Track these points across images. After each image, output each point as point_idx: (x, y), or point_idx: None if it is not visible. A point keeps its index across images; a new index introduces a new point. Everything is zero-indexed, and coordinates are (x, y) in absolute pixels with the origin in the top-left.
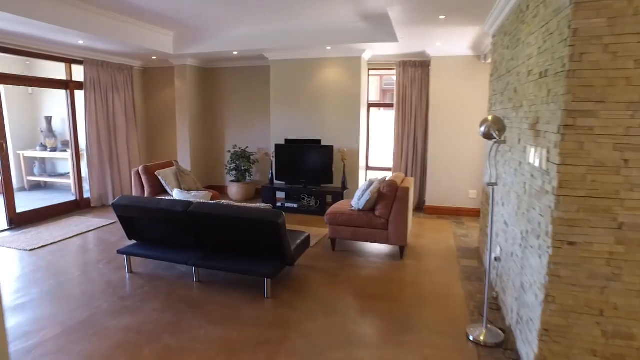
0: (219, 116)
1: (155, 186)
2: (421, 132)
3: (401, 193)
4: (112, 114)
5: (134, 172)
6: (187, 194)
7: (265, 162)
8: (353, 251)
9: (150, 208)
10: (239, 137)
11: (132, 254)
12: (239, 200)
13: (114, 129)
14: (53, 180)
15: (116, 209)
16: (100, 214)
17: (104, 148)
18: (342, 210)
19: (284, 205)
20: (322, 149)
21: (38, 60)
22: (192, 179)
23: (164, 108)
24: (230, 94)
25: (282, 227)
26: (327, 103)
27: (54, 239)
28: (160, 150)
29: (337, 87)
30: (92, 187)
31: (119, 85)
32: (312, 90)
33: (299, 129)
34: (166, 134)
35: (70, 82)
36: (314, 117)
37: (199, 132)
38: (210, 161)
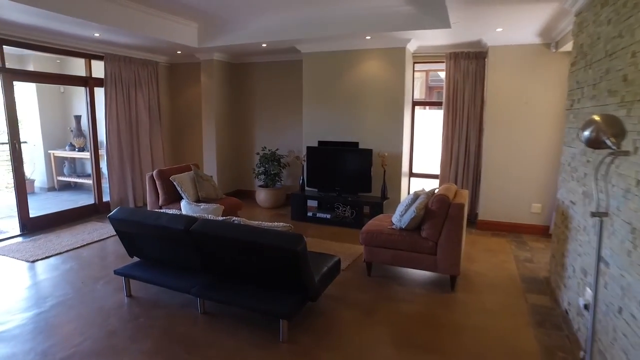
0: (247, 115)
1: (170, 193)
2: (474, 134)
3: (454, 211)
4: (135, 112)
5: (148, 176)
6: (196, 206)
7: (296, 166)
8: (392, 277)
9: (149, 224)
10: (268, 138)
11: (130, 276)
12: (267, 207)
13: (136, 128)
14: (81, 180)
15: (113, 223)
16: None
17: (124, 148)
18: (380, 229)
19: (315, 215)
20: (360, 153)
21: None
22: (212, 186)
23: (190, 106)
24: (260, 91)
25: (302, 256)
26: (366, 101)
27: (61, 248)
28: (186, 152)
29: (377, 82)
30: (112, 191)
31: (143, 82)
32: (350, 87)
33: (334, 130)
34: (192, 134)
35: (89, 78)
36: (351, 116)
37: (226, 132)
38: (238, 164)
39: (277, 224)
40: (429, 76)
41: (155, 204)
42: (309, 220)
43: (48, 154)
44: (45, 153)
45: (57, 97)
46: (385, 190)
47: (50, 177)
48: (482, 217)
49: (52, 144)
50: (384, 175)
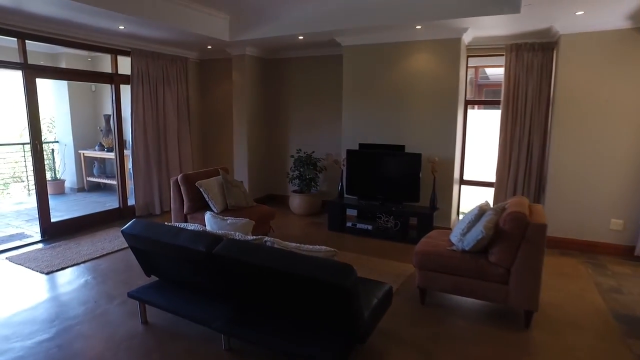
0: (281, 115)
1: (196, 200)
2: (538, 136)
3: (534, 233)
4: (163, 111)
5: (172, 181)
6: (222, 220)
7: (334, 171)
8: (451, 307)
9: (166, 243)
10: (303, 139)
11: (144, 301)
12: (302, 214)
13: (164, 128)
14: (110, 182)
15: (127, 238)
16: None
17: (151, 150)
18: (438, 250)
19: (355, 226)
20: (407, 157)
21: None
22: (242, 192)
23: (221, 105)
24: (295, 89)
25: (352, 293)
26: (415, 99)
27: (79, 258)
28: (215, 154)
29: (428, 78)
30: (137, 194)
31: (171, 79)
32: (396, 83)
33: (377, 132)
34: (222, 135)
35: (115, 75)
36: (397, 117)
37: (258, 132)
38: (270, 167)
39: (318, 249)
40: (478, 73)
41: (180, 211)
42: (347, 231)
43: (78, 154)
44: (76, 153)
45: (88, 96)
46: (435, 199)
47: (80, 177)
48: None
49: (82, 143)
50: (433, 183)
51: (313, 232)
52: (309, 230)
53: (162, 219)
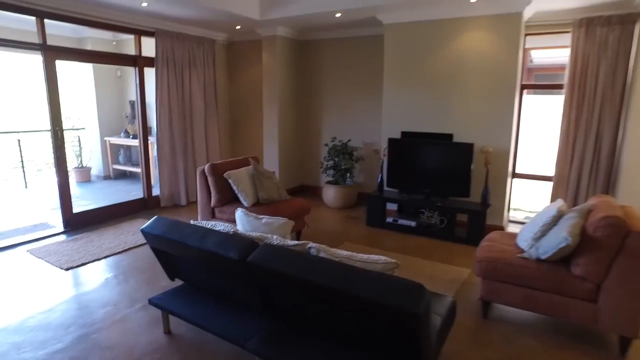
0: (314, 101)
1: (224, 192)
2: (609, 126)
3: (634, 242)
4: (189, 95)
5: (199, 171)
6: (256, 218)
7: (371, 161)
8: (519, 323)
9: (192, 246)
10: (338, 127)
11: (168, 311)
12: (336, 207)
13: (190, 114)
14: (135, 170)
15: (148, 239)
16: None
17: (176, 137)
18: (506, 258)
19: (396, 221)
20: (456, 147)
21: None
22: (274, 184)
23: (250, 90)
24: (329, 73)
25: (423, 320)
26: (465, 83)
27: (100, 253)
28: (244, 141)
29: (482, 60)
30: (162, 184)
31: (198, 62)
32: (444, 65)
33: (422, 119)
34: (251, 122)
35: (139, 57)
36: (444, 102)
37: (289, 119)
38: (303, 156)
39: (375, 259)
40: (528, 55)
41: (207, 204)
42: (387, 227)
43: (104, 141)
44: (101, 140)
45: (113, 81)
46: (487, 195)
47: (106, 165)
48: None
49: (108, 130)
50: (486, 176)
51: (350, 227)
52: (346, 226)
53: (188, 211)
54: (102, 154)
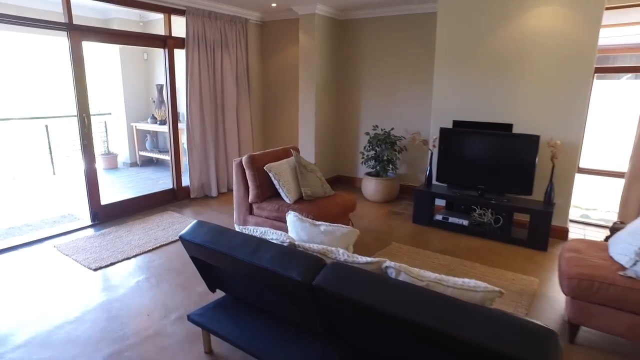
0: (353, 85)
1: (264, 186)
2: None
3: None
4: (220, 79)
5: (235, 163)
6: (312, 225)
7: (414, 151)
8: (615, 352)
9: (241, 260)
10: (380, 114)
11: (211, 331)
12: (376, 201)
13: (222, 99)
14: (163, 157)
15: (187, 247)
16: (199, 210)
17: (207, 123)
18: (605, 276)
19: (446, 219)
20: (520, 139)
21: (153, 22)
22: (319, 179)
23: (284, 73)
24: (371, 55)
25: None
26: (530, 66)
27: (130, 250)
28: (277, 128)
29: (552, 39)
30: (192, 174)
31: (230, 43)
32: (505, 46)
33: (477, 107)
34: (285, 107)
35: (168, 38)
36: (504, 88)
37: (327, 105)
38: (340, 145)
39: (473, 286)
40: None
41: (244, 199)
42: (435, 225)
43: (130, 127)
44: (128, 126)
45: (140, 64)
46: (551, 193)
47: (132, 152)
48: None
49: (134, 116)
50: (551, 172)
51: (395, 225)
52: (390, 223)
53: (219, 203)
54: (128, 140)
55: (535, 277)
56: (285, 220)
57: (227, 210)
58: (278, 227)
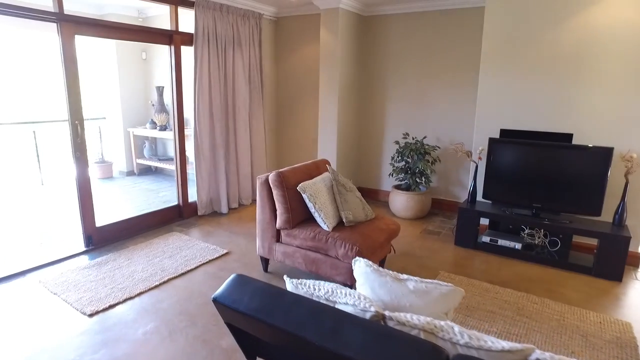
0: (379, 88)
1: (295, 210)
2: None
3: None
4: (232, 81)
5: (259, 181)
6: (394, 279)
7: (448, 162)
8: None
9: (313, 344)
10: (410, 121)
11: None
12: (406, 217)
13: (233, 103)
14: (163, 165)
15: (223, 312)
16: (209, 230)
17: (217, 130)
18: None
19: (495, 242)
20: (589, 152)
21: (153, 17)
22: (359, 200)
23: (301, 75)
24: (400, 56)
25: None
26: (597, 67)
27: (133, 286)
28: (293, 136)
29: (623, 36)
30: (200, 188)
31: (243, 40)
32: (566, 44)
33: (529, 114)
34: (302, 113)
35: (174, 33)
36: (563, 93)
37: (350, 109)
38: (363, 154)
39: None
40: None
41: (270, 224)
42: (481, 248)
43: (127, 133)
44: (124, 131)
45: (138, 64)
46: (623, 212)
47: (129, 159)
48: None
49: (131, 120)
50: (624, 189)
51: (435, 249)
52: (429, 246)
53: (230, 222)
54: (125, 147)
55: (625, 318)
56: (323, 251)
57: (241, 231)
58: (313, 259)
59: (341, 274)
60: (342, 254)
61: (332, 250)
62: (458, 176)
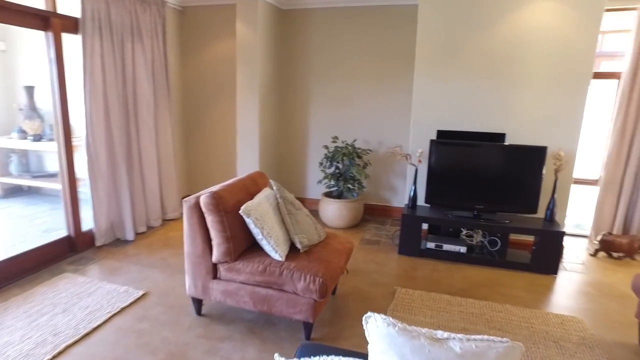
0: (301, 89)
1: (236, 237)
2: None
3: None
4: (132, 79)
5: (187, 205)
6: (433, 342)
7: (377, 166)
8: None
9: None
10: (336, 124)
11: None
12: (338, 227)
13: (135, 106)
14: (38, 183)
15: None
16: (114, 265)
17: (117, 140)
18: None
19: (440, 247)
20: (524, 151)
21: None
22: (310, 219)
23: (212, 73)
24: (324, 55)
25: None
26: (526, 69)
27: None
28: (204, 142)
29: (549, 40)
30: (98, 212)
31: (144, 31)
32: (496, 46)
33: (465, 115)
34: (215, 116)
35: (53, 15)
36: (496, 94)
37: (271, 112)
38: (286, 161)
39: None
40: None
41: (203, 257)
42: (425, 255)
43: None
44: None
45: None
46: (554, 209)
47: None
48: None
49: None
50: (554, 186)
51: (381, 260)
52: (374, 258)
53: (139, 249)
54: None
55: (574, 312)
56: (277, 286)
57: (155, 262)
58: (264, 297)
59: (301, 311)
60: (302, 288)
61: (289, 284)
62: (388, 180)
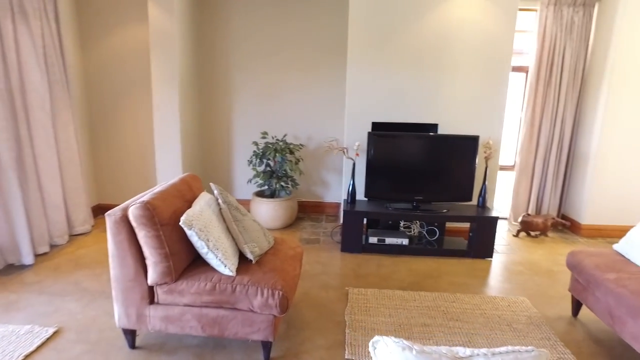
0: (225, 81)
1: (178, 254)
2: (570, 112)
3: None
4: (17, 69)
5: (111, 220)
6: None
7: (308, 161)
8: None
9: None
10: (265, 119)
11: None
12: (273, 227)
13: (24, 103)
14: None
15: None
16: (10, 298)
17: (2, 145)
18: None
19: (382, 242)
20: (458, 141)
21: None
22: (257, 224)
23: (120, 65)
24: (251, 42)
25: None
26: (453, 61)
27: None
28: (115, 143)
29: (473, 33)
30: None
31: (27, 7)
32: (428, 38)
33: (398, 106)
34: (127, 111)
35: None
36: (428, 85)
37: (191, 108)
38: (210, 159)
39: None
40: None
41: (136, 280)
42: (369, 250)
43: None
44: None
45: None
46: (485, 195)
47: None
48: (589, 220)
49: None
50: (485, 173)
51: (325, 259)
52: (317, 258)
53: (41, 276)
54: None
55: (516, 292)
56: (230, 305)
57: (66, 289)
58: (214, 319)
59: (259, 330)
60: (260, 305)
61: (244, 301)
62: (319, 175)
